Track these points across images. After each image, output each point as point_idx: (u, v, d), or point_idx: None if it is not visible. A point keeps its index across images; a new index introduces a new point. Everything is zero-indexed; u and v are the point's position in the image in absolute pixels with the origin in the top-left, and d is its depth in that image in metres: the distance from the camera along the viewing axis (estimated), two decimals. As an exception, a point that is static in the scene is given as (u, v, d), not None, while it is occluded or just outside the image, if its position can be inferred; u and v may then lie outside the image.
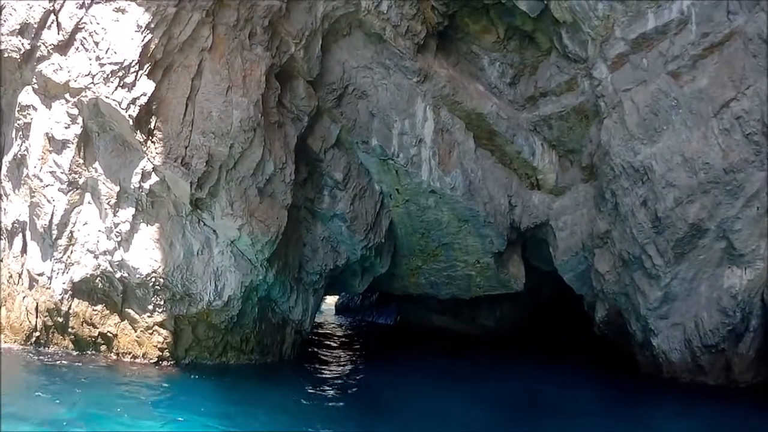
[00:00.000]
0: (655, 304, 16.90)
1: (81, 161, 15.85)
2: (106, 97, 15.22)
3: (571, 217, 19.97)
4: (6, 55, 16.23)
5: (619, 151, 17.22)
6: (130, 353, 16.42)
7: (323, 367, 19.58)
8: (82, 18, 15.72)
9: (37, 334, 16.37)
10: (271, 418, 12.76)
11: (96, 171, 15.90)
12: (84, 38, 15.69)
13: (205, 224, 16.31)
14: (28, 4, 15.94)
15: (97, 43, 15.55)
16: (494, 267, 21.77)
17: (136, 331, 16.47)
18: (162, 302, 16.22)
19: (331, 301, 42.39)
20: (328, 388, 16.63)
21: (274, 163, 16.64)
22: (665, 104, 16.68)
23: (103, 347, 16.50)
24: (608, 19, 17.34)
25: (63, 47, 15.85)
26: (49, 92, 16.02)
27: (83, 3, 15.72)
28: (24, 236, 16.62)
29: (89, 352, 16.35)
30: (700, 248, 16.37)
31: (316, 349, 22.90)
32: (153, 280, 15.93)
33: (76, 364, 15.40)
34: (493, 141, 20.29)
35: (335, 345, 25.39)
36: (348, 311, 40.21)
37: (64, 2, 15.83)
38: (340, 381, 17.83)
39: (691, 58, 16.56)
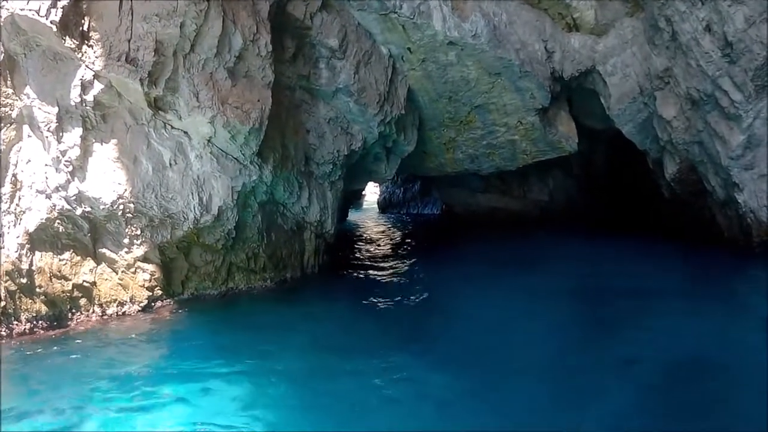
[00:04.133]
0: (738, 152, 14.46)
1: (10, 91, 13.23)
2: (21, 9, 12.55)
3: (621, 58, 17.54)
4: None
5: None
6: (115, 301, 14.09)
7: (357, 275, 17.39)
8: (-22, -68, 12.92)
9: (3, 303, 13.85)
10: (291, 346, 10.91)
11: (28, 97, 13.26)
12: (-17, -47, 12.93)
13: (173, 127, 13.91)
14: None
15: (-2, -47, 12.82)
16: (540, 127, 19.46)
17: (117, 274, 14.16)
18: (139, 232, 13.95)
19: (372, 200, 41.10)
20: (364, 300, 14.36)
21: (242, 36, 14.01)
22: None
23: (83, 301, 13.99)
24: None
25: (-35, -27, 13.06)
26: (-39, 26, 13.33)
27: None
28: (-34, 194, 14.03)
29: (67, 312, 13.75)
30: (783, 78, 13.84)
31: (350, 255, 20.93)
32: (122, 207, 13.60)
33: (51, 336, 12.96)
34: (514, -23, 17.44)
35: (372, 247, 23.41)
36: (391, 207, 39.66)
37: None
38: (377, 289, 15.44)
39: None
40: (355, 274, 17.25)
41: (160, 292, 14.36)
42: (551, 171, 23.90)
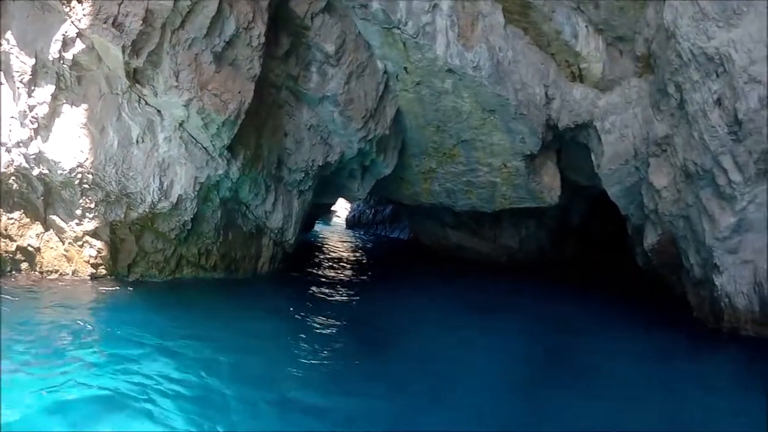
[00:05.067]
0: (725, 233, 13.98)
1: (-9, 34, 12.90)
2: (14, -47, 12.42)
3: (621, 117, 17.10)
4: None
5: (688, 32, 14.14)
6: (56, 271, 13.83)
7: (307, 290, 16.77)
8: None
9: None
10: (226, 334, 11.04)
11: (8, 43, 13.03)
12: None
13: (147, 103, 13.54)
14: None
15: None
16: (524, 173, 19.08)
17: (63, 244, 13.89)
18: (93, 205, 13.61)
19: (343, 215, 41.75)
20: (309, 305, 14.32)
21: (236, 21, 13.59)
22: (745, -21, 13.78)
23: (24, 265, 13.81)
24: None
25: None
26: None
27: None
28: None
29: (8, 272, 13.60)
30: (786, 167, 13.60)
31: (306, 267, 20.42)
32: (79, 176, 13.29)
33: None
34: (527, 16, 17.03)
35: (332, 263, 22.95)
36: (359, 225, 39.76)
37: None
38: (321, 310, 14.62)
39: None
40: (306, 289, 16.66)
41: (104, 272, 14.03)
42: (525, 219, 23.58)
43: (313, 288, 16.80)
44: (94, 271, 13.84)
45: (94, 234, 13.72)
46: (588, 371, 11.37)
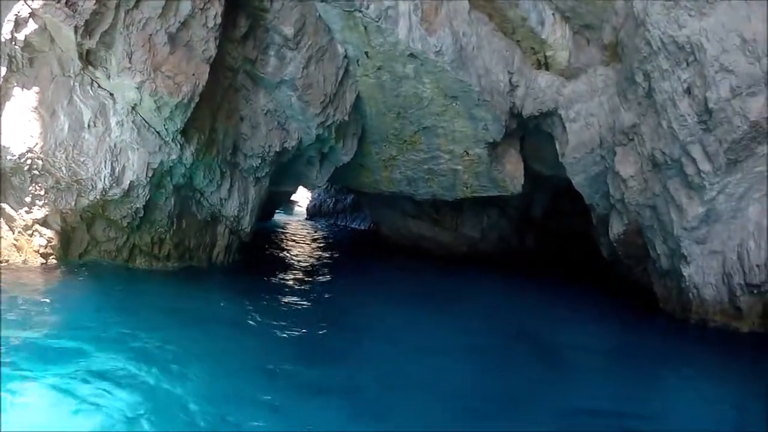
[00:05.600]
0: (693, 223, 14.02)
1: (-57, 15, 12.64)
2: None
3: (587, 105, 17.16)
4: None
5: (659, 20, 14.14)
6: (6, 261, 13.42)
7: (262, 281, 16.54)
8: None
9: None
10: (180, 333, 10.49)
11: None
12: None
13: (99, 86, 13.23)
14: None
15: None
16: (487, 161, 19.02)
17: (13, 233, 13.53)
18: (43, 192, 13.34)
19: (304, 205, 43.05)
20: (262, 298, 14.03)
21: (192, 1, 13.29)
22: (718, -32, 13.73)
23: None
24: None
25: None
26: None
27: None
28: None
29: None
30: (757, 157, 13.32)
31: (263, 257, 20.41)
32: (29, 162, 12.99)
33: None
34: (492, 2, 17.01)
35: (288, 253, 22.93)
36: (320, 215, 39.88)
37: None
38: (280, 293, 14.87)
39: None
40: (260, 280, 16.44)
41: (55, 261, 13.68)
42: (487, 208, 23.66)
43: (268, 279, 16.64)
44: (45, 261, 13.52)
45: (45, 223, 13.44)
46: (556, 367, 11.28)
